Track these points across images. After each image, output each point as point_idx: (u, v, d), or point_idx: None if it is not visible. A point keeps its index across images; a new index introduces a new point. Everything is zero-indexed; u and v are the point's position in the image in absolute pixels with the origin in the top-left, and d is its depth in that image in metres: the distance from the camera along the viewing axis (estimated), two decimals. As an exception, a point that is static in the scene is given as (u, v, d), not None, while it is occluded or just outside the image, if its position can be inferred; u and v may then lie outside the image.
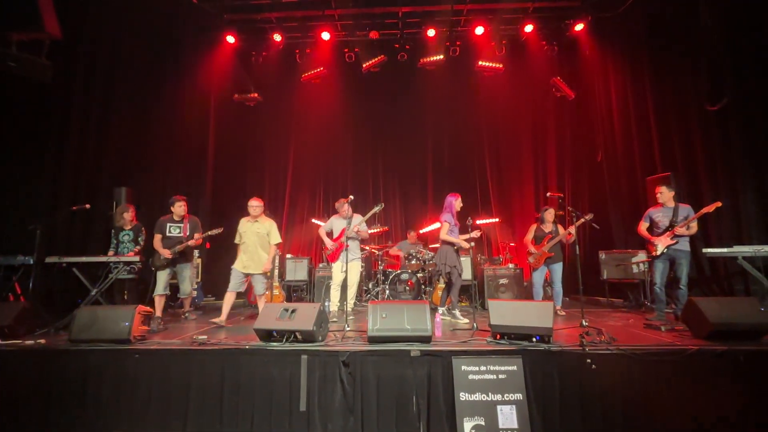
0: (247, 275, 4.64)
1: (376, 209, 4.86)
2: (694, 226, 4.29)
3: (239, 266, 4.57)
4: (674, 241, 4.30)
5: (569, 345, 3.10)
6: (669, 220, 4.39)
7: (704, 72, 5.47)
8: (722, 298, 4.51)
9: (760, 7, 4.96)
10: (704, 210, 4.22)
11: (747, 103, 5.13)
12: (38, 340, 3.42)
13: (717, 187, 5.34)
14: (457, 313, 4.59)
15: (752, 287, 4.81)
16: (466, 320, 4.44)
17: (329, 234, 5.05)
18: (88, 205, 5.04)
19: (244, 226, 4.64)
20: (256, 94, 7.57)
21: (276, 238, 4.67)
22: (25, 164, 5.64)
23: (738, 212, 5.17)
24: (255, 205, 4.63)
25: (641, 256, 5.60)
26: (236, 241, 4.67)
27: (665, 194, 4.49)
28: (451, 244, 4.66)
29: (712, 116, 5.35)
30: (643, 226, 4.63)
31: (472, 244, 4.73)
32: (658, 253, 4.38)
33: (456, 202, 4.77)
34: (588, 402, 2.89)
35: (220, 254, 6.62)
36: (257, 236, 4.58)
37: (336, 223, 5.02)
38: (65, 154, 5.76)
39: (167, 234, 4.74)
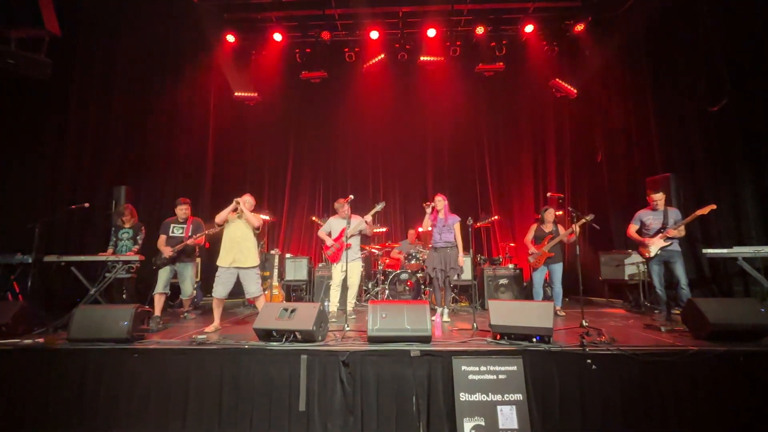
0: (236, 272, 4.25)
1: (378, 208, 4.82)
2: (683, 229, 4.37)
3: (226, 262, 4.19)
4: (668, 243, 4.35)
5: (569, 345, 3.09)
6: (660, 223, 4.43)
7: (704, 72, 5.47)
8: (722, 299, 4.53)
9: (759, 7, 4.97)
10: (699, 212, 4.27)
11: (746, 104, 5.13)
12: (36, 340, 3.40)
13: (717, 187, 5.34)
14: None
15: (752, 288, 4.81)
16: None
17: (328, 236, 5.00)
18: (87, 204, 5.06)
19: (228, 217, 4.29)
20: (255, 94, 7.56)
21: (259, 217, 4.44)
22: (24, 162, 5.63)
23: (738, 213, 5.17)
24: (251, 201, 4.42)
25: (634, 258, 5.59)
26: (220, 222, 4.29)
27: (662, 199, 4.53)
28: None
29: (712, 117, 5.34)
30: (633, 229, 4.66)
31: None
32: (652, 255, 4.42)
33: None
34: (588, 402, 2.88)
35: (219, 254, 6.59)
36: (245, 227, 4.29)
37: (335, 224, 4.97)
38: (64, 152, 5.75)
39: (170, 234, 4.77)
